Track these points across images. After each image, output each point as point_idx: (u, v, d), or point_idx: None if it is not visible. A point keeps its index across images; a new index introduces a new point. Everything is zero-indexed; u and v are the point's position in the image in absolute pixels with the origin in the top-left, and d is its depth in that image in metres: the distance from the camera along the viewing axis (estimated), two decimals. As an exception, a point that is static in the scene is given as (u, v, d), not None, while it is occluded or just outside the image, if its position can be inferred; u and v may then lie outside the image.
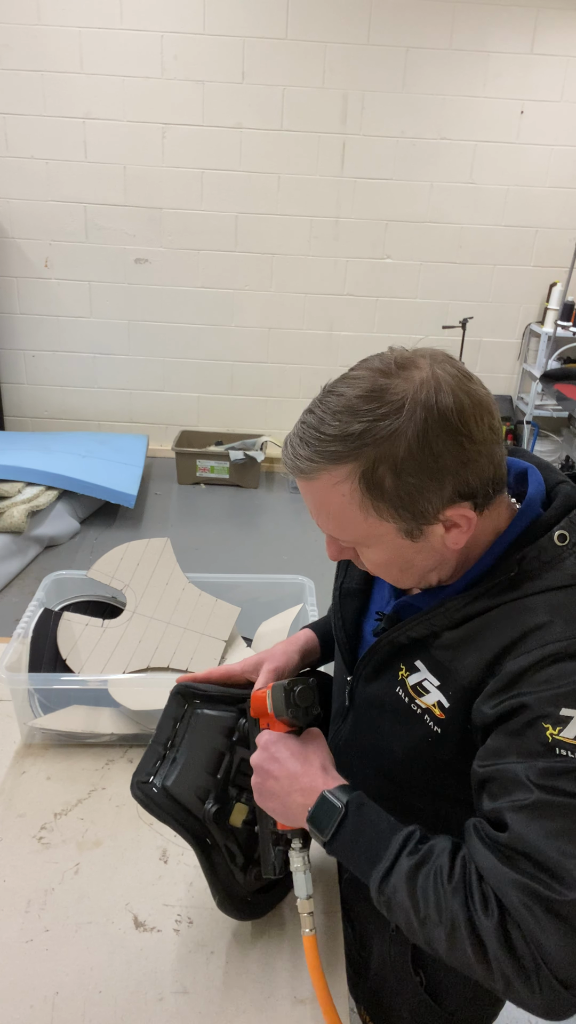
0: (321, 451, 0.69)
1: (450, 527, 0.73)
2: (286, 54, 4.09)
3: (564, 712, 0.65)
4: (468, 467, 0.69)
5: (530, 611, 0.71)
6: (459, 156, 4.32)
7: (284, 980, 0.94)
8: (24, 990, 0.91)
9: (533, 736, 0.66)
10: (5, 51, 4.07)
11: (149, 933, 0.99)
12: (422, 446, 0.67)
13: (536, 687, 0.67)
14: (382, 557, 0.76)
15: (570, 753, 0.65)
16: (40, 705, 1.33)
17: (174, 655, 1.41)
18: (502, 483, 0.75)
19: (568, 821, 0.64)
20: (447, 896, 0.66)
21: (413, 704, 0.79)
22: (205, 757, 0.93)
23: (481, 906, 0.64)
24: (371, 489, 0.69)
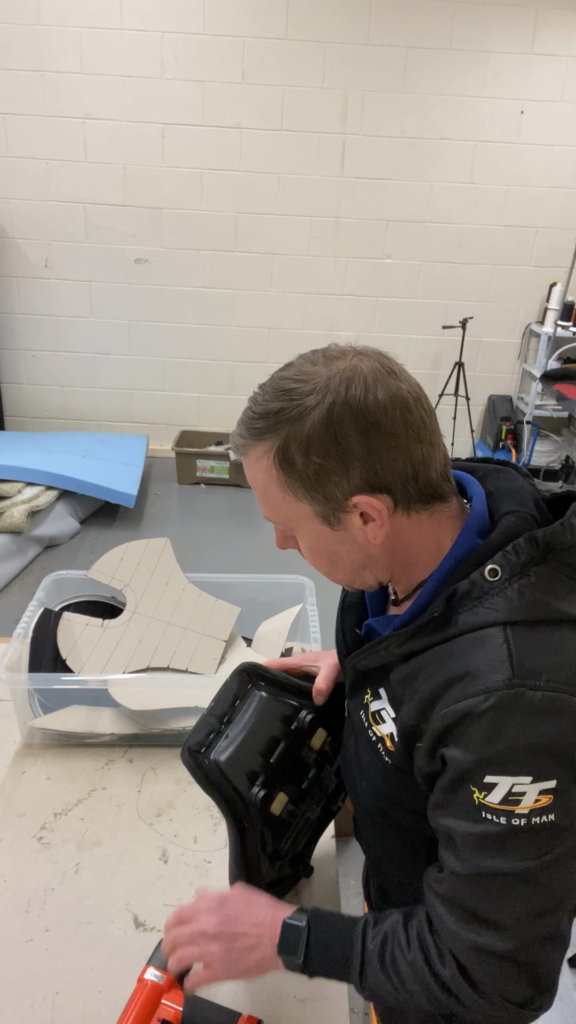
0: (250, 427, 0.73)
1: (367, 520, 0.73)
2: (286, 54, 4.09)
3: (488, 779, 0.66)
4: (376, 457, 0.69)
5: (455, 657, 0.69)
6: (459, 156, 4.32)
7: (284, 980, 0.94)
8: (24, 990, 0.91)
9: (463, 796, 0.68)
10: (5, 51, 4.07)
11: (149, 933, 0.99)
12: (327, 427, 0.69)
13: (462, 747, 0.67)
14: (309, 544, 0.77)
15: (495, 818, 0.66)
16: (40, 705, 1.33)
17: (174, 655, 1.41)
18: (432, 487, 0.73)
19: (498, 882, 0.68)
20: (412, 964, 0.73)
21: (371, 731, 0.80)
22: (261, 740, 0.93)
23: (439, 962, 0.72)
24: (284, 467, 0.72)
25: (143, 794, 1.22)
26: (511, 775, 0.65)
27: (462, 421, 4.86)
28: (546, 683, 0.65)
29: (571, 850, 0.68)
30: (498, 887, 0.68)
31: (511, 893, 0.67)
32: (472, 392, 4.78)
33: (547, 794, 0.65)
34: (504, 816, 0.66)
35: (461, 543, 0.74)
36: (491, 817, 0.66)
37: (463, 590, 0.70)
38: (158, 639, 1.43)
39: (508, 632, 0.67)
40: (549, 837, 0.66)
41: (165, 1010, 0.85)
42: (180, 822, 1.17)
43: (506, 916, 0.68)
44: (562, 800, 0.66)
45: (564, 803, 0.66)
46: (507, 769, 0.65)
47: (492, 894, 0.68)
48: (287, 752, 0.94)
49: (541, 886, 0.67)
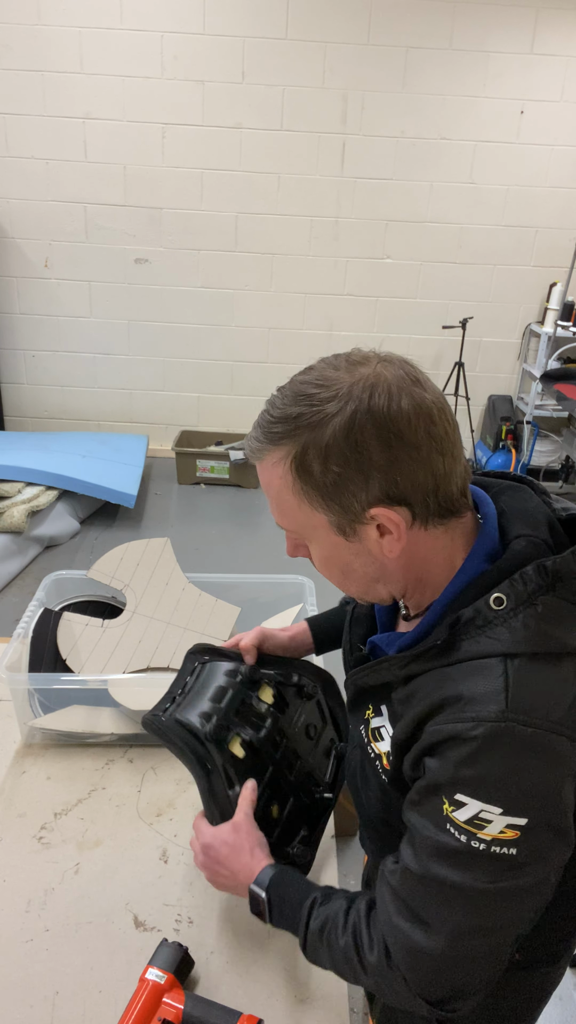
0: (267, 431, 0.71)
1: (383, 532, 0.71)
2: (286, 54, 4.09)
3: (458, 797, 0.66)
4: (396, 468, 0.67)
5: (452, 680, 0.68)
6: (459, 156, 4.32)
7: (284, 980, 0.94)
8: (24, 990, 0.91)
9: (434, 803, 0.69)
10: (5, 51, 4.07)
11: (149, 933, 0.99)
12: (347, 436, 0.66)
13: (443, 762, 0.67)
14: (322, 554, 0.76)
15: (458, 834, 0.66)
16: (40, 705, 1.33)
17: (174, 655, 1.41)
18: (451, 501, 0.71)
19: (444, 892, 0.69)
20: (344, 949, 0.77)
21: (370, 747, 0.82)
22: (210, 691, 1.02)
23: (368, 947, 0.76)
24: (301, 474, 0.70)
25: (143, 794, 1.22)
26: (481, 801, 0.65)
27: (462, 421, 4.86)
28: (538, 721, 0.64)
29: (527, 888, 0.67)
30: (443, 895, 0.69)
31: (454, 904, 0.68)
32: (472, 392, 4.78)
33: (514, 829, 0.64)
34: (466, 836, 0.66)
35: (468, 568, 0.72)
36: (453, 832, 0.66)
37: (467, 617, 0.69)
38: (158, 639, 1.43)
39: (508, 664, 0.66)
40: (506, 868, 0.66)
41: (166, 1010, 0.85)
42: (180, 822, 1.17)
43: (443, 922, 0.69)
44: (529, 839, 0.65)
45: (530, 842, 0.65)
46: (478, 794, 0.65)
47: (435, 899, 0.69)
48: (236, 697, 1.02)
49: (485, 909, 0.67)
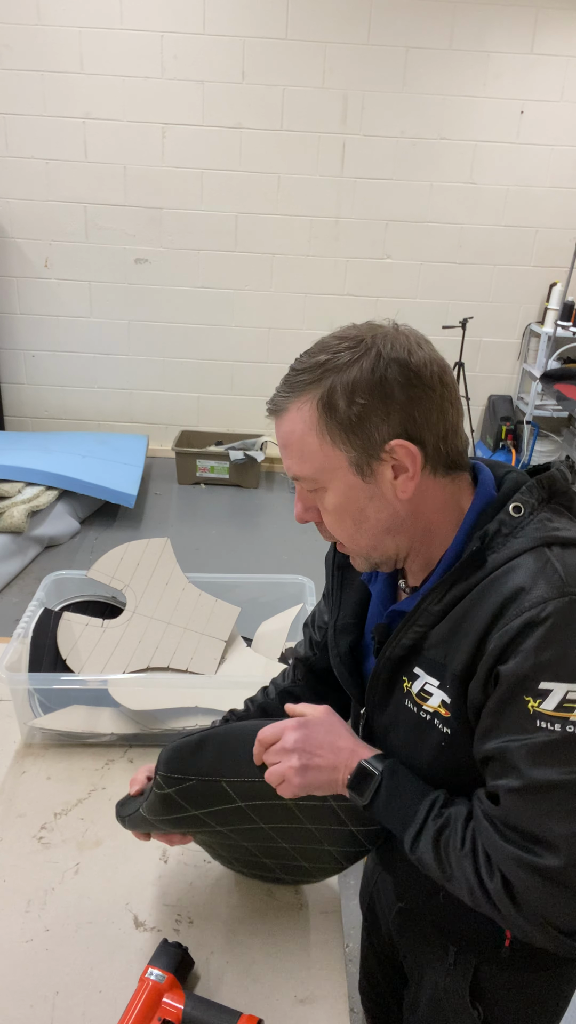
0: (293, 383, 0.78)
1: (398, 471, 0.75)
2: (286, 54, 4.09)
3: (543, 685, 0.67)
4: (415, 405, 0.74)
5: (502, 582, 0.71)
6: (459, 156, 4.32)
7: (284, 980, 0.94)
8: (24, 990, 0.91)
9: (517, 711, 0.68)
10: (5, 51, 4.07)
11: (149, 933, 0.99)
12: (374, 372, 0.73)
13: (520, 657, 0.68)
14: (337, 501, 0.78)
15: (550, 725, 0.66)
16: (40, 705, 1.33)
17: (174, 655, 1.41)
18: (458, 454, 0.78)
19: (552, 797, 0.68)
20: (461, 861, 0.74)
21: (421, 711, 0.80)
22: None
23: (487, 873, 0.72)
24: (326, 411, 0.75)
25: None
26: (565, 681, 0.66)
27: (462, 421, 4.86)
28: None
29: None
30: (552, 802, 0.67)
31: (565, 807, 0.67)
32: (472, 392, 4.78)
33: None
34: (559, 723, 0.66)
35: (480, 495, 0.79)
36: (545, 725, 0.67)
37: (493, 530, 0.74)
38: (158, 639, 1.43)
39: (548, 551, 0.71)
40: None
41: (166, 1010, 0.85)
42: (180, 822, 1.17)
43: (558, 833, 0.67)
44: None
45: None
46: (562, 675, 0.66)
47: (544, 809, 0.68)
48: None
49: None
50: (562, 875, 0.68)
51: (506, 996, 0.93)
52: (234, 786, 0.87)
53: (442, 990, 0.96)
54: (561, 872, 0.67)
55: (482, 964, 0.91)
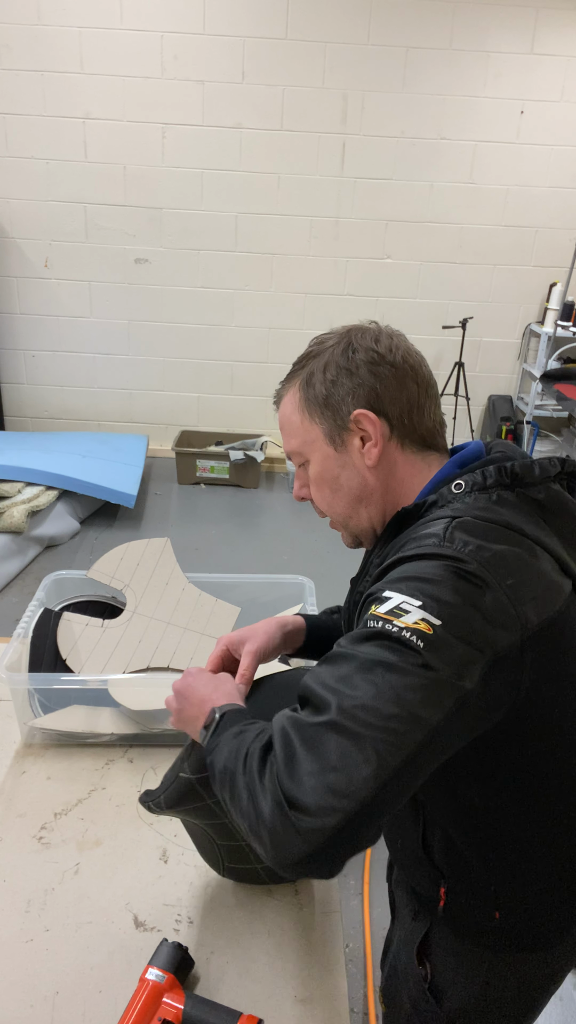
0: (289, 375, 0.92)
1: (365, 441, 0.85)
2: (286, 54, 4.09)
3: (385, 593, 0.70)
4: (378, 380, 0.84)
5: (406, 542, 0.78)
6: (459, 156, 4.32)
7: (284, 980, 0.94)
8: (24, 990, 0.91)
9: (365, 614, 0.72)
10: (5, 51, 4.07)
11: (149, 933, 0.99)
12: (343, 352, 0.86)
13: (382, 581, 0.73)
14: (316, 471, 0.90)
15: (375, 623, 0.69)
16: (40, 705, 1.33)
17: (174, 655, 1.41)
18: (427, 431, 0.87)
19: (346, 667, 0.68)
20: (243, 741, 0.73)
21: None
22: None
23: (257, 740, 0.71)
24: (306, 391, 0.88)
25: (143, 794, 1.22)
26: (403, 594, 0.69)
27: (462, 421, 4.86)
28: (470, 553, 0.70)
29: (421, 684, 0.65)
30: (343, 671, 0.67)
31: (351, 679, 0.66)
32: (472, 392, 4.78)
33: (428, 624, 0.66)
34: (382, 621, 0.68)
35: (442, 472, 0.85)
36: (372, 624, 0.69)
37: (431, 500, 0.80)
38: (158, 639, 1.43)
39: (452, 521, 0.75)
40: (411, 657, 0.65)
41: (166, 1010, 0.85)
42: (180, 822, 1.17)
43: (333, 695, 0.66)
44: (439, 643, 0.66)
45: (440, 649, 0.65)
46: (401, 588, 0.70)
47: (333, 675, 0.68)
48: None
49: (379, 688, 0.65)
50: (316, 732, 0.65)
51: (450, 964, 0.93)
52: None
53: (402, 946, 0.99)
54: (316, 728, 0.65)
55: (434, 925, 0.94)
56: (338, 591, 1.06)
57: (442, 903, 0.89)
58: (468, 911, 0.88)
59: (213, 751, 0.77)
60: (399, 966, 1.01)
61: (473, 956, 0.92)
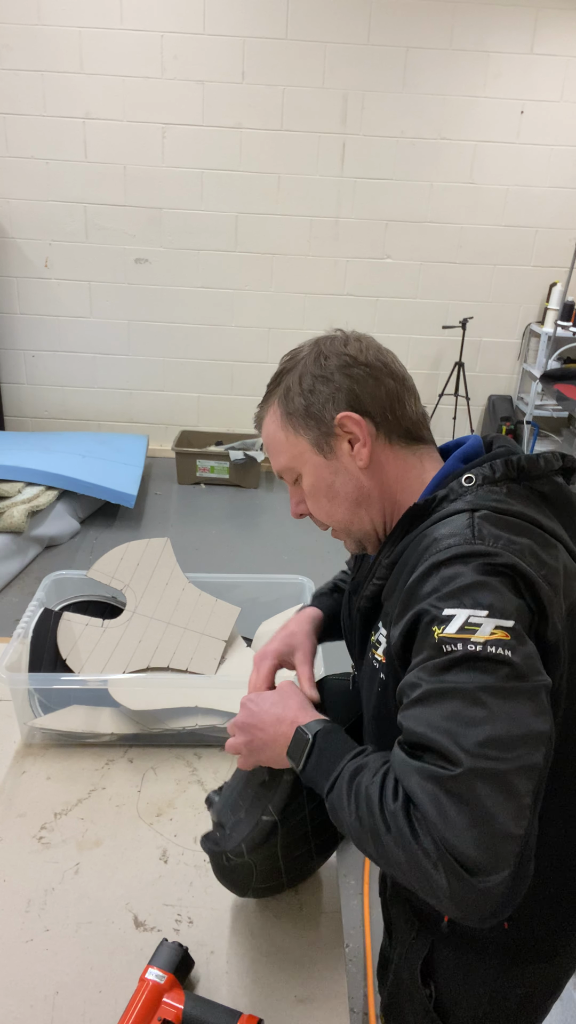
0: (266, 395, 0.91)
1: (353, 443, 0.84)
2: (286, 54, 4.09)
3: (446, 612, 0.68)
4: (355, 382, 0.84)
5: (427, 536, 0.76)
6: (459, 156, 4.32)
7: (284, 979, 0.94)
8: (24, 990, 0.91)
9: (427, 643, 0.69)
10: (5, 51, 4.07)
11: (149, 933, 0.99)
12: (315, 362, 0.86)
13: (425, 593, 0.71)
14: (310, 483, 0.88)
15: (452, 646, 0.67)
16: (40, 705, 1.33)
17: (174, 655, 1.41)
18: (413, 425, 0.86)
19: (453, 704, 0.66)
20: (368, 791, 0.71)
21: (373, 660, 0.85)
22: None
23: (392, 794, 0.68)
24: (286, 406, 0.87)
25: (143, 794, 1.22)
26: (467, 608, 0.68)
27: (462, 421, 4.86)
28: (503, 546, 0.71)
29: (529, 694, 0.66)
30: (451, 708, 0.66)
31: (463, 715, 0.65)
32: (472, 392, 4.78)
33: (504, 631, 0.66)
34: (461, 643, 0.67)
35: (447, 467, 0.85)
36: (449, 648, 0.67)
37: (441, 495, 0.79)
38: (158, 639, 1.43)
39: (473, 515, 0.74)
40: (506, 671, 0.66)
41: (166, 1010, 0.85)
42: (180, 822, 1.17)
43: (455, 739, 0.64)
44: (518, 642, 0.66)
45: (519, 647, 0.66)
46: (463, 602, 0.68)
47: (443, 716, 0.66)
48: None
49: (494, 715, 0.64)
50: (460, 785, 0.63)
51: (456, 981, 0.93)
52: None
53: (403, 966, 0.98)
54: (459, 781, 0.63)
55: (437, 942, 0.93)
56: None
57: (447, 919, 0.88)
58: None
59: (331, 792, 0.75)
60: (401, 986, 0.99)
61: (478, 972, 0.91)
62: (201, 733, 1.32)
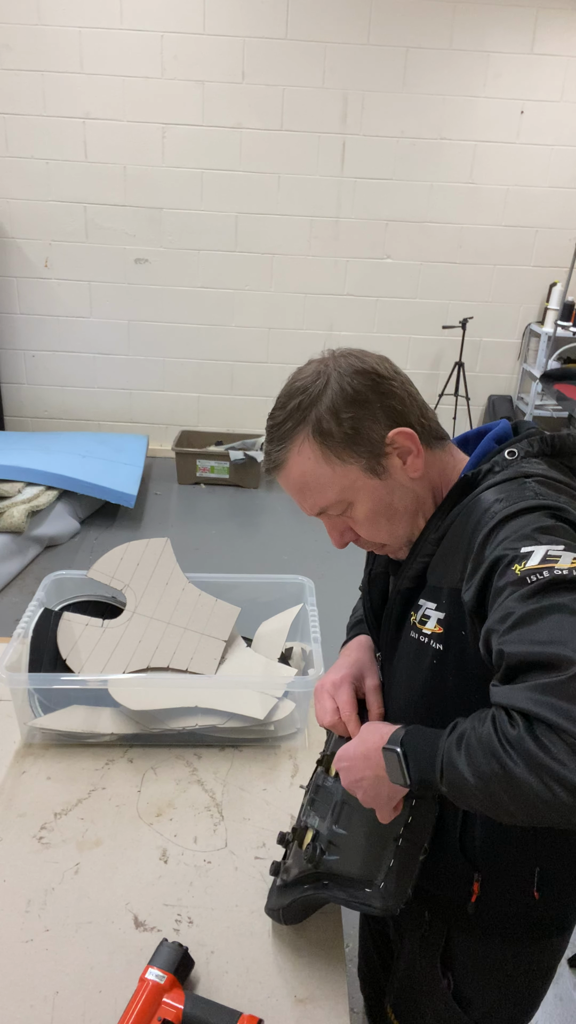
0: (281, 435, 0.85)
1: (404, 456, 0.84)
2: (286, 54, 4.09)
3: (524, 549, 0.70)
4: (388, 396, 0.84)
5: (481, 502, 0.79)
6: (459, 156, 4.32)
7: (284, 979, 0.94)
8: (24, 990, 0.91)
9: (508, 581, 0.69)
10: (5, 51, 4.07)
11: (149, 933, 0.99)
12: (343, 389, 0.83)
13: (496, 546, 0.73)
14: (367, 508, 0.86)
15: (537, 575, 0.67)
16: (40, 705, 1.33)
17: (174, 655, 1.41)
18: (436, 425, 0.88)
19: (552, 618, 0.65)
20: (482, 738, 0.67)
21: (421, 636, 0.85)
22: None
23: (508, 725, 0.65)
24: (324, 439, 0.83)
25: (143, 794, 1.22)
26: (544, 544, 0.70)
27: (462, 421, 4.86)
28: (564, 502, 0.75)
29: None
30: (553, 622, 0.65)
31: (566, 624, 0.64)
32: (472, 392, 4.78)
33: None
34: (547, 571, 0.68)
35: (484, 447, 0.87)
36: (534, 577, 0.68)
37: (485, 468, 0.83)
38: (158, 639, 1.43)
39: (526, 480, 0.78)
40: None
41: (166, 1010, 0.85)
42: (180, 822, 1.17)
43: (563, 647, 0.63)
44: None
45: None
46: (539, 540, 0.70)
47: (546, 629, 0.65)
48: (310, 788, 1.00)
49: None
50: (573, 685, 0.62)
51: (476, 967, 0.94)
52: None
53: (417, 959, 0.98)
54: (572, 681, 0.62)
55: (453, 931, 0.93)
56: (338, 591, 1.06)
57: (474, 898, 0.88)
58: (505, 899, 0.88)
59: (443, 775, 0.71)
60: (415, 981, 0.99)
61: (497, 953, 0.92)
62: (201, 733, 1.32)
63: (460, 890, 0.90)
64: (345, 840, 0.90)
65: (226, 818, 1.18)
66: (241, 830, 1.16)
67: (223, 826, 1.16)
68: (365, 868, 0.88)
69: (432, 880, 0.91)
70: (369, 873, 0.87)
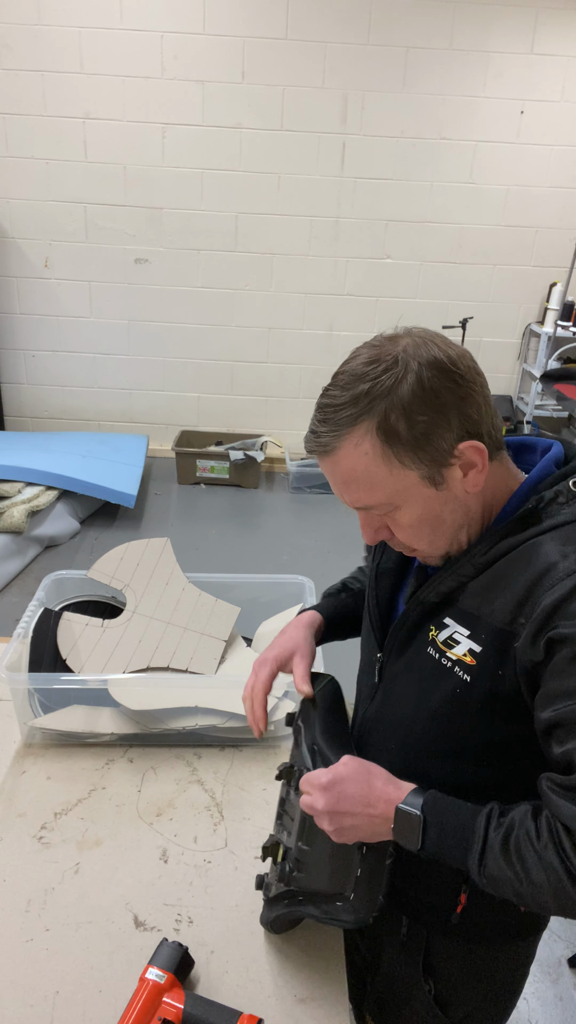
0: (339, 420, 0.75)
1: (467, 469, 0.76)
2: (286, 54, 4.09)
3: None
4: (466, 402, 0.75)
5: (547, 547, 0.73)
6: (459, 156, 4.32)
7: (284, 979, 0.94)
8: (24, 990, 0.91)
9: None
10: (5, 51, 4.07)
11: (149, 933, 0.99)
12: (422, 386, 0.73)
13: (572, 619, 0.68)
14: (414, 515, 0.78)
15: None
16: (40, 705, 1.33)
17: (174, 655, 1.41)
18: (499, 433, 0.79)
19: None
20: (542, 855, 0.68)
21: (443, 658, 0.81)
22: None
23: (573, 850, 0.66)
24: (389, 438, 0.74)
25: (143, 794, 1.22)
26: None
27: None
28: None
29: None
30: None
31: None
32: (472, 392, 4.77)
33: None
34: None
35: (541, 468, 0.81)
36: None
37: (549, 497, 0.77)
38: (158, 639, 1.43)
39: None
40: None
41: (166, 1010, 0.85)
42: (180, 822, 1.17)
43: None
44: None
45: None
46: None
47: None
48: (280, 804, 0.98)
49: None
50: None
51: (457, 971, 0.94)
52: None
53: (396, 965, 0.98)
54: None
55: (433, 936, 0.93)
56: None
57: (460, 908, 0.88)
58: (491, 908, 0.88)
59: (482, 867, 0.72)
60: (396, 984, 0.99)
61: (478, 955, 0.92)
62: (201, 733, 1.32)
63: (447, 900, 0.89)
64: (310, 856, 0.89)
65: (226, 818, 1.18)
66: (241, 830, 1.16)
67: (223, 826, 1.17)
68: (333, 882, 0.87)
69: (418, 885, 0.90)
70: (338, 886, 0.86)
